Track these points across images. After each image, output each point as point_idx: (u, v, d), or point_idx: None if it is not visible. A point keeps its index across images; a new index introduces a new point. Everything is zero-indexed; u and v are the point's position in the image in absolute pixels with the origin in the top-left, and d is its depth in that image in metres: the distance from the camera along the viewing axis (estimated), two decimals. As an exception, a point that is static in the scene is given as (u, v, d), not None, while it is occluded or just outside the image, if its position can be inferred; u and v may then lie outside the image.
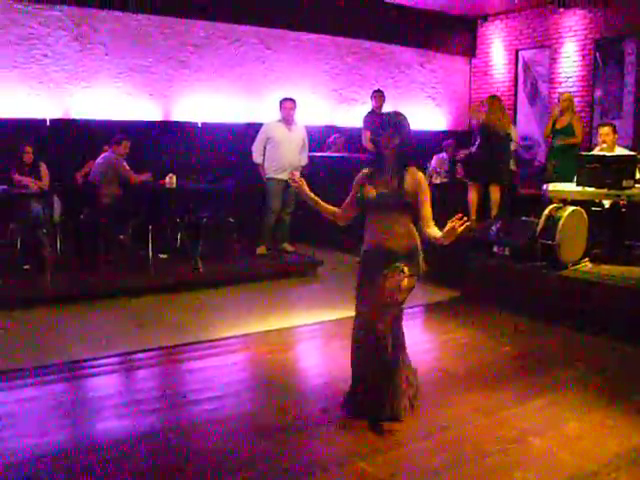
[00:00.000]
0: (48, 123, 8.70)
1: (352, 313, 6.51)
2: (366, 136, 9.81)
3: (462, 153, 10.21)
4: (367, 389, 4.21)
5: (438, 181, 10.34)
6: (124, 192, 8.26)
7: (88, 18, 8.97)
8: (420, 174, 4.22)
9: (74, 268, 7.69)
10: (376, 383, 4.17)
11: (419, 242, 4.23)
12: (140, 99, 9.46)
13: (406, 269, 4.12)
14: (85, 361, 5.30)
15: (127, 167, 8.25)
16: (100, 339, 5.82)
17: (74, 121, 8.92)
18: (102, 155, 8.33)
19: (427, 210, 4.18)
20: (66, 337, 5.87)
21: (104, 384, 5.02)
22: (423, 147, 8.09)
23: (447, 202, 9.61)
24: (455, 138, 11.34)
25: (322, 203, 4.45)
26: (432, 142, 11.12)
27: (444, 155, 10.86)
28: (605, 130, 7.85)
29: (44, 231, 7.72)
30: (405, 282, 4.11)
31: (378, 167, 4.26)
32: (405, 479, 3.55)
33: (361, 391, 4.26)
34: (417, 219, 4.21)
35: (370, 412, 4.19)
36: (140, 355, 5.50)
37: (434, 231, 4.11)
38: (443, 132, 12.44)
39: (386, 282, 4.11)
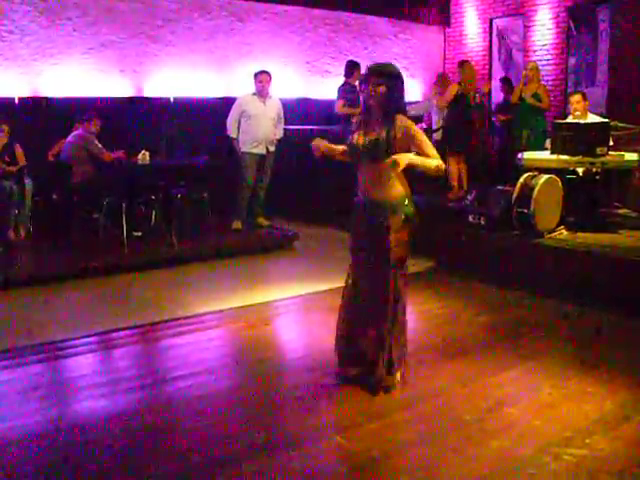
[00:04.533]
0: (17, 101, 8.54)
1: (329, 286, 6.56)
2: (339, 104, 9.74)
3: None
4: (365, 350, 4.25)
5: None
6: (96, 170, 8.16)
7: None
8: (408, 121, 4.14)
9: (47, 248, 7.61)
10: (376, 344, 4.20)
11: (408, 191, 4.17)
12: (111, 75, 9.31)
13: (393, 223, 4.09)
14: (60, 342, 5.24)
15: (99, 145, 8.15)
16: (75, 319, 5.78)
17: (43, 99, 8.76)
18: (73, 133, 8.21)
19: (430, 150, 4.09)
20: (40, 318, 5.79)
21: (80, 364, 4.97)
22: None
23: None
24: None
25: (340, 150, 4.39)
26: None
27: (423, 125, 10.85)
28: (576, 98, 7.86)
29: (16, 212, 7.63)
30: (394, 239, 4.10)
31: (366, 117, 4.23)
32: (382, 452, 3.56)
33: (357, 351, 4.29)
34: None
35: (369, 373, 4.21)
36: (116, 334, 5.45)
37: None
38: (418, 102, 12.37)
39: (378, 243, 4.11)
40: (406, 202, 4.15)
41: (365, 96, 4.20)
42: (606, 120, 7.62)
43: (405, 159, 3.93)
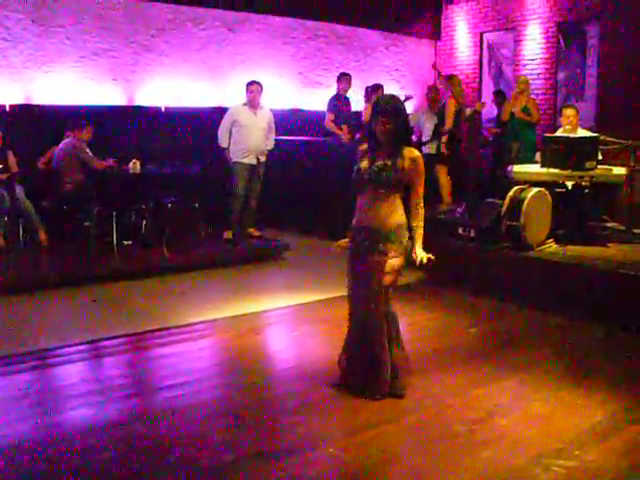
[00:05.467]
0: (8, 109, 8.52)
1: (319, 297, 6.60)
2: (328, 118, 9.79)
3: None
4: (363, 367, 4.30)
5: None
6: (87, 178, 8.16)
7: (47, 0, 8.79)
8: (417, 154, 4.24)
9: (37, 255, 7.59)
10: (371, 363, 4.26)
11: (406, 221, 4.26)
12: (103, 84, 9.30)
13: (391, 250, 4.18)
14: (50, 350, 5.22)
15: (90, 153, 8.15)
16: (65, 327, 5.75)
17: (35, 106, 8.74)
18: (64, 141, 8.20)
19: (418, 192, 4.24)
20: (31, 326, 5.78)
21: (71, 373, 4.95)
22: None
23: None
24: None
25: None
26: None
27: (413, 138, 10.91)
28: (571, 112, 7.89)
29: (5, 219, 7.61)
30: (389, 265, 4.19)
31: (374, 145, 4.29)
32: (374, 462, 3.56)
33: (357, 368, 4.34)
34: (408, 198, 4.26)
35: (366, 390, 4.27)
36: (107, 342, 5.44)
37: (416, 228, 4.25)
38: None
39: (371, 266, 4.20)
40: (403, 231, 4.25)
41: (375, 129, 4.25)
42: (595, 135, 7.69)
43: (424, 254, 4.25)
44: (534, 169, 7.50)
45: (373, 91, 9.89)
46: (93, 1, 9.12)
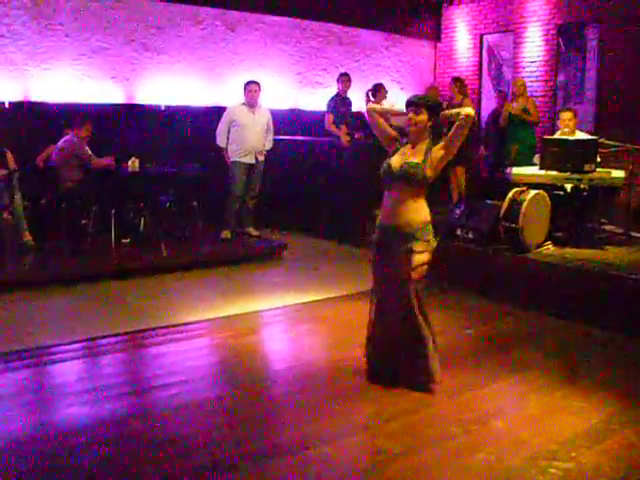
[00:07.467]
0: (7, 105, 8.51)
1: (316, 297, 6.60)
2: (328, 119, 9.79)
3: None
4: (398, 360, 4.41)
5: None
6: (85, 176, 8.14)
7: (47, -3, 8.78)
8: (441, 146, 4.30)
9: (34, 253, 7.57)
10: (409, 354, 4.39)
11: (429, 217, 4.32)
12: (102, 82, 9.29)
13: (417, 246, 4.23)
14: (47, 347, 5.22)
15: (89, 151, 8.13)
16: (61, 325, 5.76)
17: (34, 104, 8.73)
18: (63, 139, 8.18)
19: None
20: (28, 323, 5.77)
21: (68, 371, 4.94)
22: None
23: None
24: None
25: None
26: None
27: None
28: (568, 115, 7.89)
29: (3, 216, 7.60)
30: (415, 260, 4.24)
31: (406, 142, 4.37)
32: (369, 463, 3.57)
33: (393, 361, 4.42)
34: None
35: (405, 380, 4.40)
36: (104, 341, 5.43)
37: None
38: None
39: (398, 264, 4.27)
40: (428, 227, 4.31)
41: (406, 123, 4.32)
42: (594, 137, 7.69)
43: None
44: (533, 171, 7.51)
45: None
46: (93, -2, 9.12)
